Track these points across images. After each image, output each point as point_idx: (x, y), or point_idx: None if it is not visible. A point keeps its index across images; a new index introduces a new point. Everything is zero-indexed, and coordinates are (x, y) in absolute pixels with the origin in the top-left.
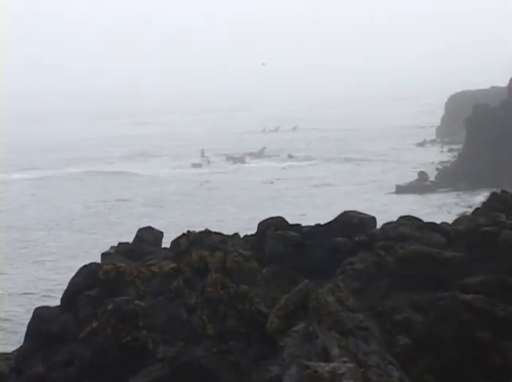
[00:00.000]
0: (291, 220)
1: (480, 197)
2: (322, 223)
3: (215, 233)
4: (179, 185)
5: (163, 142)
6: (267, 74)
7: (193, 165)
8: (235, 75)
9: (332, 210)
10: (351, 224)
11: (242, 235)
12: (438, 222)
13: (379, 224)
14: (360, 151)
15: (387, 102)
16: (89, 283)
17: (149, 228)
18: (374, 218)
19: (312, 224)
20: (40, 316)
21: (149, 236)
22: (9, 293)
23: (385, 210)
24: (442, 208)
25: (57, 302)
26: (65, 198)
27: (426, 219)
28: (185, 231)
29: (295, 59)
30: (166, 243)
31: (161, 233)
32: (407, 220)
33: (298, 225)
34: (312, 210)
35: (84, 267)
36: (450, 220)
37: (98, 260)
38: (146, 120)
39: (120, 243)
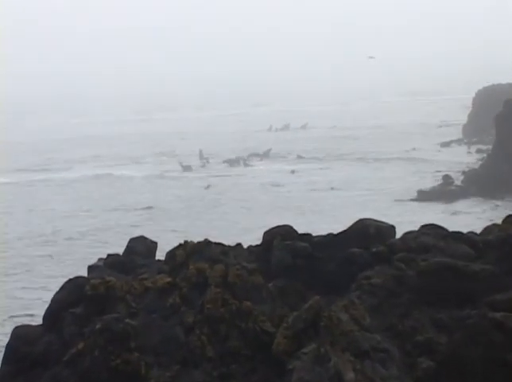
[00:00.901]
0: (298, 230)
1: None
2: (335, 232)
3: (216, 244)
4: (177, 190)
5: (159, 141)
6: (273, 68)
7: (191, 168)
8: (237, 69)
9: (344, 219)
10: (368, 233)
11: (245, 245)
12: (465, 231)
13: (399, 234)
14: (378, 152)
15: (407, 97)
16: (74, 299)
17: (142, 237)
18: (393, 227)
19: (321, 234)
20: (20, 336)
21: (141, 247)
22: None
23: (406, 220)
24: (470, 217)
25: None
26: (43, 206)
27: (454, 230)
28: (181, 242)
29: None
30: (160, 255)
31: (155, 244)
32: (430, 229)
33: (308, 235)
34: (321, 219)
35: (69, 281)
36: (479, 229)
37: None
38: (139, 117)
39: (109, 255)
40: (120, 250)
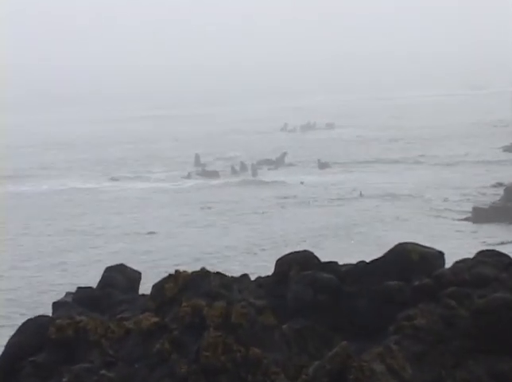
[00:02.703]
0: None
1: None
2: (367, 260)
3: (216, 274)
4: (169, 209)
5: (147, 144)
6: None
7: (186, 178)
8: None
9: (376, 247)
10: (409, 261)
11: (253, 276)
12: None
13: (449, 262)
14: (422, 157)
15: (458, 91)
16: (35, 344)
17: (121, 266)
18: (441, 253)
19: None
20: None
21: (120, 278)
22: None
23: (457, 246)
24: None
25: None
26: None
27: None
28: (172, 272)
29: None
30: (146, 288)
31: (138, 274)
32: (489, 257)
33: (333, 263)
34: (347, 248)
35: (29, 321)
36: None
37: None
38: (124, 116)
39: (79, 288)
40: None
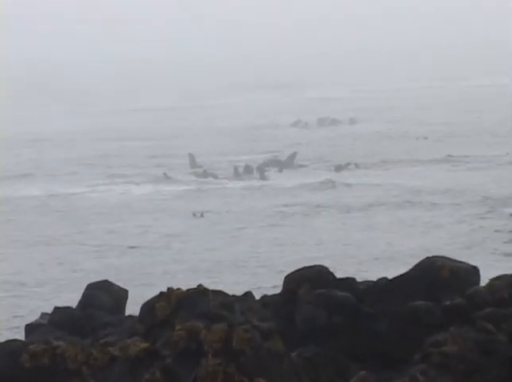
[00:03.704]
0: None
1: None
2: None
3: (215, 292)
4: (158, 217)
5: (133, 141)
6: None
7: (180, 183)
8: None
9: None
10: (438, 277)
11: (258, 295)
12: None
13: (485, 280)
14: (454, 158)
15: (483, 80)
16: (7, 373)
17: (105, 282)
18: (475, 268)
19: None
20: None
21: (104, 297)
22: None
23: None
24: None
25: None
26: None
27: None
28: (165, 290)
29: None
30: (134, 309)
31: (125, 292)
32: None
33: (351, 280)
34: (368, 266)
35: None
36: None
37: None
38: (106, 109)
39: (57, 309)
40: None
